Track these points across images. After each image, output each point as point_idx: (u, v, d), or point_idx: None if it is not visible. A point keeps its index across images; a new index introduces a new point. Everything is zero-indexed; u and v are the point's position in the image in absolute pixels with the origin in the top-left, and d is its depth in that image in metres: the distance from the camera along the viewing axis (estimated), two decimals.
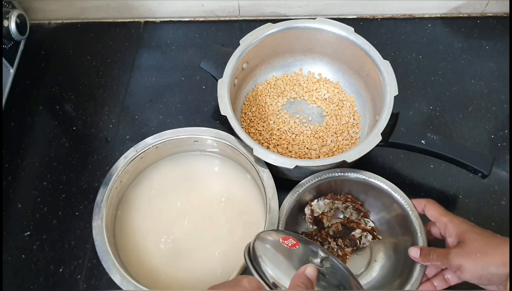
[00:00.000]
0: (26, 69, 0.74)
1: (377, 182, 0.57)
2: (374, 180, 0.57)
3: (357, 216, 0.59)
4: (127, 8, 0.78)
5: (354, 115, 0.67)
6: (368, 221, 0.59)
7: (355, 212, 0.59)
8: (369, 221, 0.59)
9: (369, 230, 0.58)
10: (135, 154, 0.59)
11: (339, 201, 0.59)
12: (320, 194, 0.59)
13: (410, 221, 0.54)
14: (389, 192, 0.56)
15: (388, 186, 0.56)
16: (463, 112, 0.69)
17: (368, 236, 0.57)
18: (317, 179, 0.57)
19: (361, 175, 0.57)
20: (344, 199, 0.59)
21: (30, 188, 0.65)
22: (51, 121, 0.71)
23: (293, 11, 0.78)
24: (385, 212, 0.59)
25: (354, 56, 0.65)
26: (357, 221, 0.58)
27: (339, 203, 0.59)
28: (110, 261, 0.52)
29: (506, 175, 0.64)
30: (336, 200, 0.59)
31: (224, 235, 0.59)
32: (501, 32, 0.77)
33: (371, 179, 0.57)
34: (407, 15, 0.79)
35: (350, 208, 0.59)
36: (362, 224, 0.58)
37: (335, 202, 0.59)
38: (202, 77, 0.73)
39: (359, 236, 0.57)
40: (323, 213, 0.59)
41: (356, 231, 0.57)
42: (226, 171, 0.64)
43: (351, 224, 0.58)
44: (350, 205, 0.59)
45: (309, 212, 0.58)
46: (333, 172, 0.57)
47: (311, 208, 0.58)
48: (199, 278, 0.56)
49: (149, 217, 0.61)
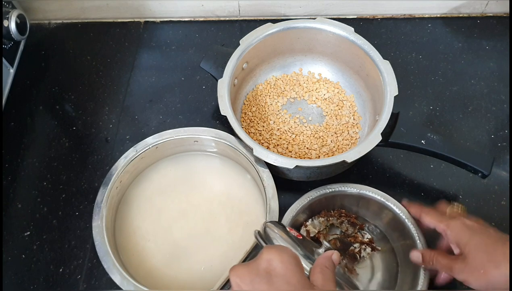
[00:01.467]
0: (26, 69, 0.74)
1: (369, 193, 0.56)
2: (366, 192, 0.56)
3: (353, 230, 0.58)
4: (127, 8, 0.78)
5: (354, 115, 0.67)
6: (365, 233, 0.58)
7: (351, 226, 0.58)
8: (366, 233, 0.58)
9: (366, 242, 0.57)
10: (135, 153, 0.59)
11: (334, 217, 0.58)
12: (313, 212, 0.59)
13: (408, 228, 0.54)
14: (381, 201, 0.56)
15: (380, 196, 0.56)
16: (463, 112, 0.69)
17: (366, 249, 0.56)
18: (308, 198, 0.56)
19: (353, 189, 0.57)
20: (338, 214, 0.59)
21: (30, 188, 0.65)
22: (51, 121, 0.71)
23: (293, 11, 0.78)
24: (379, 220, 0.59)
25: (354, 56, 0.65)
26: (354, 234, 0.58)
27: (333, 219, 0.58)
28: (110, 261, 0.52)
29: (506, 175, 0.64)
30: (330, 216, 0.58)
31: (224, 235, 0.59)
32: (501, 32, 0.77)
33: (362, 191, 0.57)
34: (407, 15, 0.79)
35: (345, 223, 0.59)
36: (359, 237, 0.58)
37: (330, 219, 0.58)
38: (202, 77, 0.73)
39: (358, 250, 0.56)
40: (319, 231, 0.58)
41: (355, 245, 0.56)
42: (226, 171, 0.64)
43: (348, 239, 0.57)
44: (345, 220, 0.58)
45: (305, 233, 0.58)
46: (323, 189, 0.57)
47: (306, 229, 0.58)
48: (199, 278, 0.56)
49: (149, 217, 0.61)
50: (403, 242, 0.56)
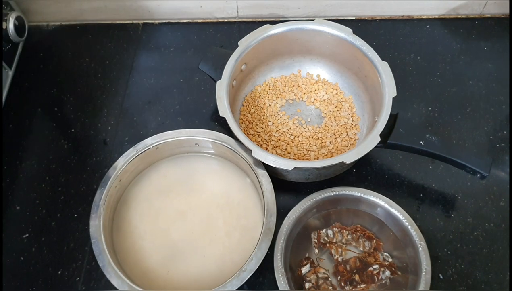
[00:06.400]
0: (25, 71, 0.74)
1: (372, 197, 0.57)
2: (369, 197, 0.57)
3: (370, 246, 0.57)
4: (126, 9, 0.78)
5: (352, 117, 0.67)
6: (387, 256, 0.57)
7: (368, 241, 0.58)
8: (388, 256, 0.57)
9: (386, 265, 0.56)
10: (135, 153, 0.59)
11: (348, 231, 0.58)
12: (329, 223, 0.59)
13: (410, 235, 0.55)
14: (384, 206, 0.57)
15: (384, 201, 0.57)
16: (461, 113, 0.69)
17: (386, 272, 0.55)
18: (311, 200, 0.57)
19: (356, 193, 0.58)
20: (353, 229, 0.58)
21: (28, 190, 0.64)
22: (50, 123, 0.70)
23: (291, 13, 0.78)
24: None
25: (352, 57, 0.65)
26: (374, 254, 0.57)
27: (348, 233, 0.58)
28: (106, 260, 0.52)
29: (505, 176, 0.64)
30: (345, 229, 0.58)
31: (221, 238, 0.59)
32: (499, 33, 0.77)
33: (366, 195, 0.58)
34: (405, 16, 0.80)
35: (361, 238, 0.58)
36: (380, 259, 0.57)
37: (344, 232, 0.58)
38: (201, 79, 0.73)
39: (377, 272, 0.55)
40: (331, 242, 0.58)
41: (374, 266, 0.56)
42: (226, 173, 0.64)
43: (368, 260, 0.56)
44: (361, 234, 0.58)
45: (316, 237, 0.58)
46: (326, 192, 0.58)
47: (318, 234, 0.58)
48: (195, 280, 0.56)
49: (147, 217, 0.60)
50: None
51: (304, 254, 0.57)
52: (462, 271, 0.58)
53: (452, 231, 0.60)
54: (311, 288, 0.54)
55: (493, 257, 0.58)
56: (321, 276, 0.55)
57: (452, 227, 0.60)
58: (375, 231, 0.58)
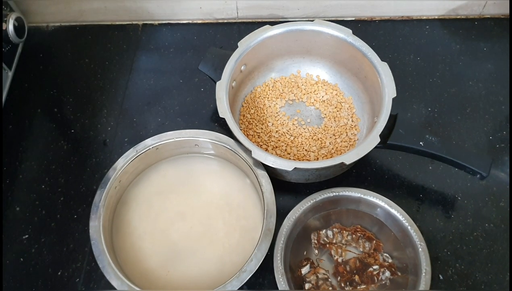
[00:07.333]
0: (24, 72, 0.74)
1: (373, 198, 0.57)
2: (369, 197, 0.57)
3: (370, 246, 0.58)
4: (125, 10, 0.78)
5: (352, 117, 0.67)
6: (387, 257, 0.57)
7: (368, 242, 0.58)
8: (388, 257, 0.57)
9: (386, 265, 0.56)
10: (135, 154, 0.59)
11: (348, 232, 0.58)
12: (329, 223, 0.59)
13: (410, 235, 0.55)
14: (384, 207, 0.57)
15: (384, 202, 0.57)
16: (461, 114, 0.69)
17: (386, 272, 0.55)
18: (312, 201, 0.57)
19: (356, 194, 0.58)
20: (353, 230, 0.58)
21: (28, 191, 0.64)
22: (49, 124, 0.70)
23: (291, 13, 0.78)
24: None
25: (352, 58, 0.65)
26: (374, 255, 0.57)
27: (348, 234, 0.58)
28: (106, 261, 0.52)
29: (505, 176, 0.64)
30: (345, 230, 0.58)
31: (221, 238, 0.59)
32: (499, 34, 0.77)
33: (366, 196, 0.57)
34: (405, 17, 0.80)
35: (361, 239, 0.58)
36: (380, 259, 0.57)
37: (343, 232, 0.58)
38: (201, 80, 0.73)
39: (377, 272, 0.56)
40: (331, 242, 0.58)
41: (374, 267, 0.56)
42: (226, 174, 0.64)
43: (368, 260, 0.57)
44: (360, 235, 0.58)
45: (316, 237, 0.58)
46: (326, 193, 0.58)
47: (318, 234, 0.58)
48: (195, 280, 0.56)
49: (147, 218, 0.60)
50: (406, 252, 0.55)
51: (304, 254, 0.57)
52: (462, 272, 0.58)
53: (452, 231, 0.60)
54: (311, 288, 0.54)
55: (493, 257, 0.58)
56: (321, 276, 0.55)
57: (452, 227, 0.60)
58: (375, 231, 0.59)
